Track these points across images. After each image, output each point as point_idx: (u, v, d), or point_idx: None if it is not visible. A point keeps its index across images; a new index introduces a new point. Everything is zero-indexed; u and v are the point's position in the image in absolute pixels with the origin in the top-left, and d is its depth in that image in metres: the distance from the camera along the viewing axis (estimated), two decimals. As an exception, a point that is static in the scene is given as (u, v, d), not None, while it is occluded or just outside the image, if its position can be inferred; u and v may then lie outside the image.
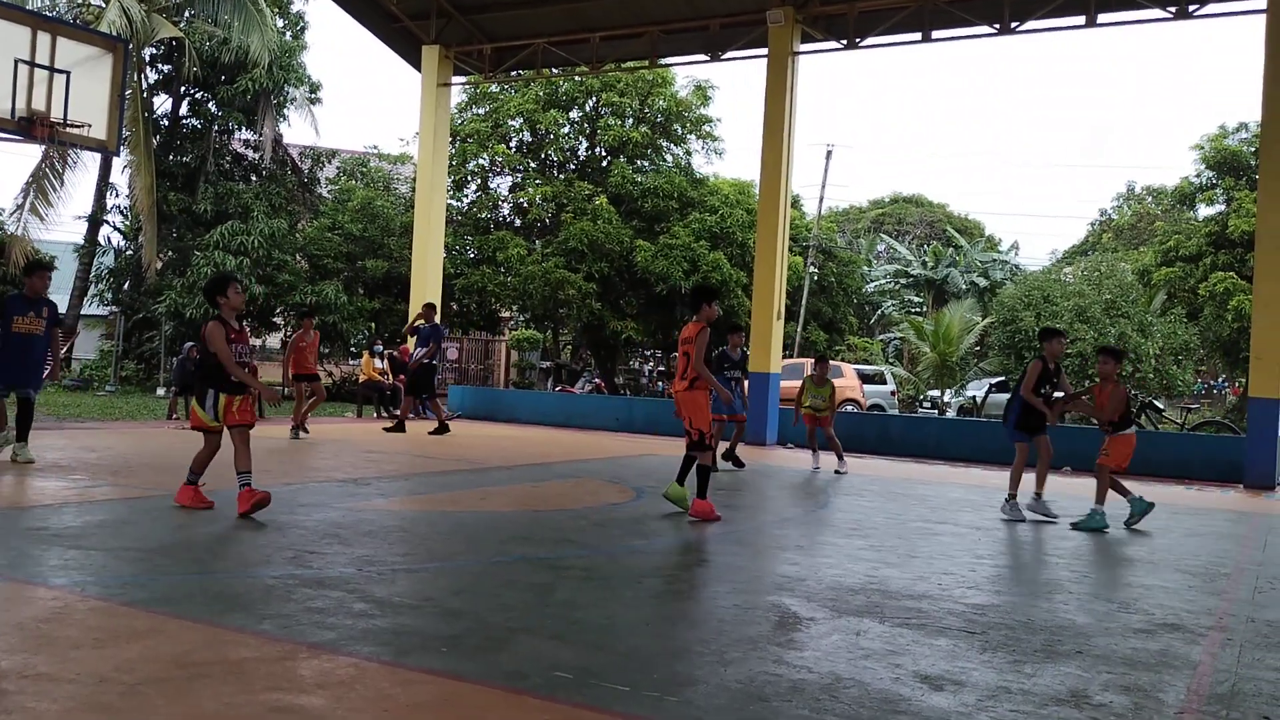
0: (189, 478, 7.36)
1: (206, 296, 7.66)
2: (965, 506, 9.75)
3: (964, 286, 40.45)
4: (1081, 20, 15.80)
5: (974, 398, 27.63)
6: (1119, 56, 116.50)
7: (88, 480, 8.54)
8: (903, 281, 43.51)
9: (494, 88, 27.97)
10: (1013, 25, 16.16)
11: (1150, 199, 48.44)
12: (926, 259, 43.64)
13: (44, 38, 14.16)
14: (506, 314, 32.29)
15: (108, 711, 3.14)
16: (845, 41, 17.44)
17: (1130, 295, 25.79)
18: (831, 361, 15.79)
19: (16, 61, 13.66)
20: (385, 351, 20.50)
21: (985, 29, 16.42)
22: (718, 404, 10.58)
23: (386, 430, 15.31)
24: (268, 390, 8.07)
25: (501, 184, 29.69)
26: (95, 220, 25.93)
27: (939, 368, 27.80)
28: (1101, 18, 15.72)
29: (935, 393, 29.54)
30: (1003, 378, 26.48)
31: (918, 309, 42.35)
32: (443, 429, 15.05)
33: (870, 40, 17.40)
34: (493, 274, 27.04)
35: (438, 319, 15.72)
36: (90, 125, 14.56)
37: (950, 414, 28.02)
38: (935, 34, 16.88)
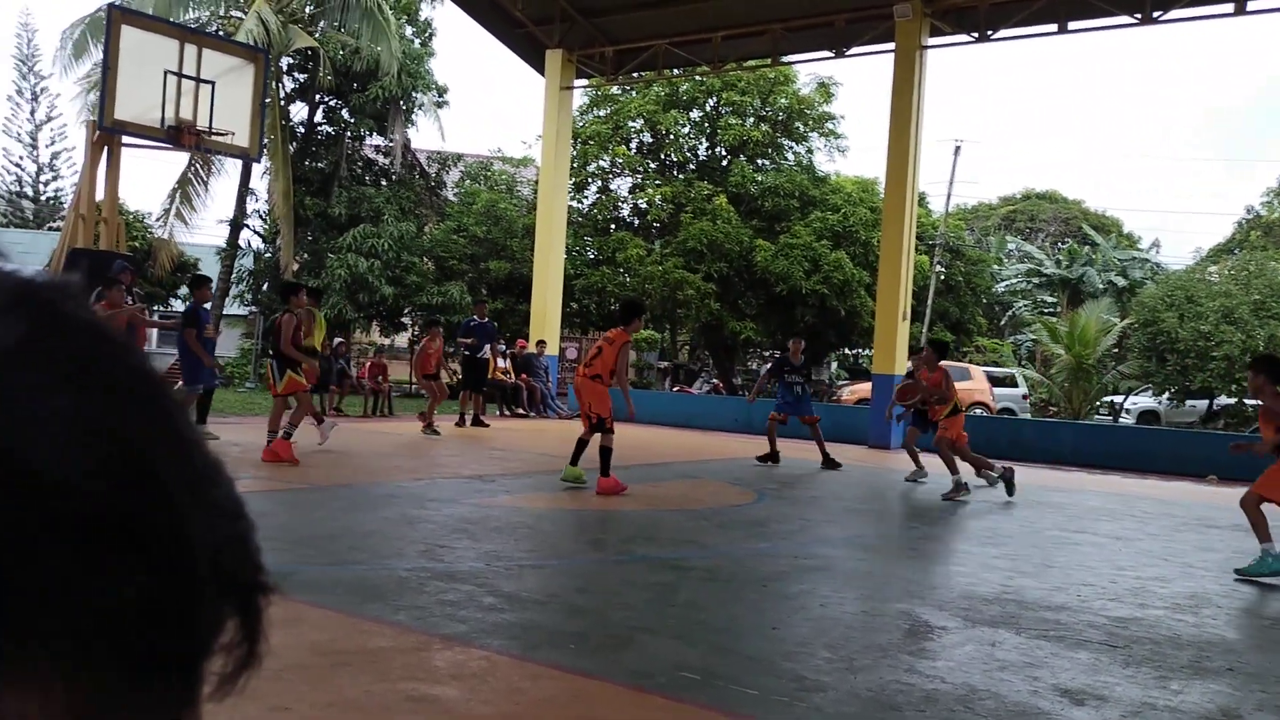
0: (287, 431, 9.80)
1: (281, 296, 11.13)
2: (1103, 515, 9.38)
3: (1101, 286, 38.89)
4: (1230, 8, 15.03)
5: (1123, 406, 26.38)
6: (1273, 43, 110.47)
7: (230, 474, 8.89)
8: (1035, 281, 42.07)
9: (615, 90, 28.19)
10: (1155, 15, 15.46)
11: (1303, 193, 45.76)
12: (1060, 257, 42.12)
13: (190, 50, 14.91)
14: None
15: (255, 695, 3.26)
16: (976, 35, 16.96)
17: (1281, 295, 24.38)
18: (956, 363, 15.47)
19: (166, 73, 14.42)
20: (507, 351, 20.88)
21: (1125, 19, 15.75)
22: (783, 405, 12.67)
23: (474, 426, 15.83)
24: (311, 368, 10.75)
25: (621, 185, 29.92)
26: (236, 224, 27.08)
27: (1074, 371, 26.78)
28: (1251, 4, 14.91)
29: (1118, 398, 28.34)
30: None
31: (1051, 309, 40.92)
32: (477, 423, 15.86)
33: (1003, 33, 16.88)
34: (612, 274, 27.25)
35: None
36: (233, 133, 15.26)
37: (1128, 420, 26.92)
38: (1071, 25, 16.27)
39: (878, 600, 5.30)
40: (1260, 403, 6.84)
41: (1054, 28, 16.38)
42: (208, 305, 12.34)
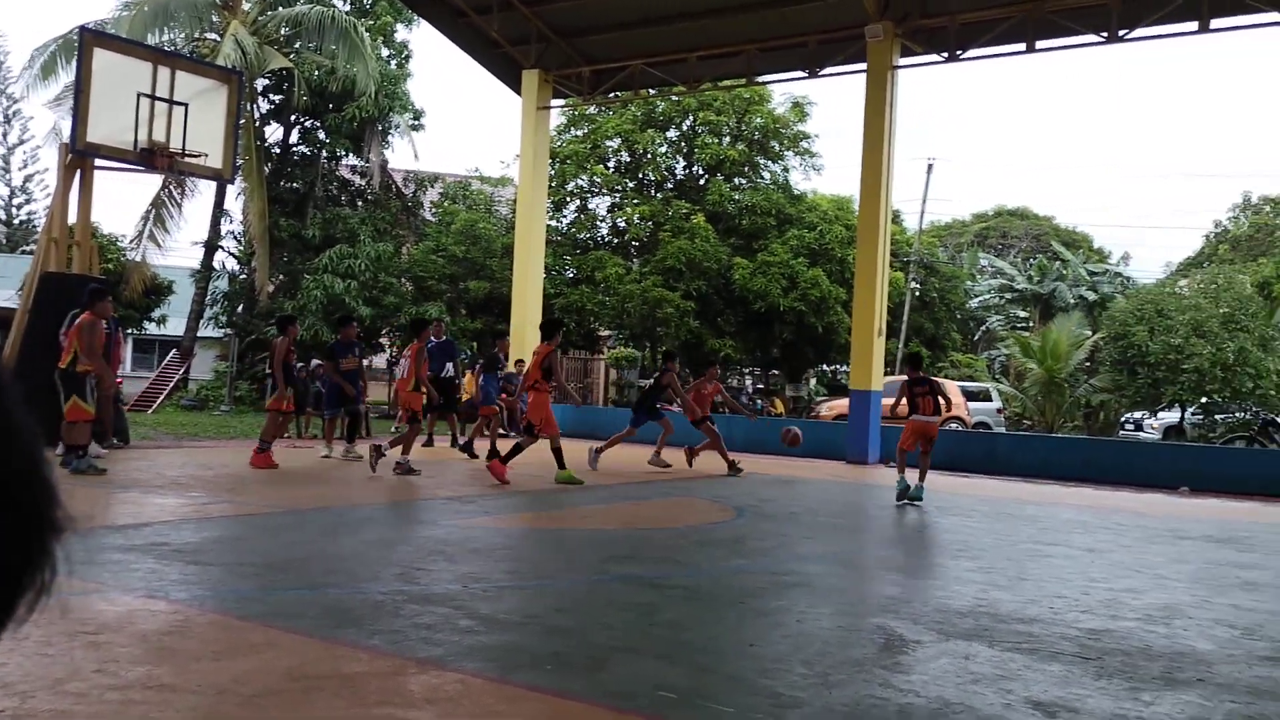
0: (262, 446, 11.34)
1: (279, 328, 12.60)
2: (1077, 528, 9.45)
3: (1072, 301, 39.26)
4: (1194, 25, 15.28)
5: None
6: (1236, 60, 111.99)
7: (206, 497, 8.86)
8: (1008, 296, 42.44)
9: (592, 109, 28.31)
10: (1121, 33, 15.70)
11: (1269, 209, 46.46)
12: (1032, 273, 42.52)
13: (164, 72, 14.85)
14: (605, 333, 32.56)
15: (228, 721, 3.26)
16: (946, 54, 17.17)
17: (1249, 308, 24.69)
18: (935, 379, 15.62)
19: (139, 95, 14.36)
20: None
21: (1092, 38, 15.99)
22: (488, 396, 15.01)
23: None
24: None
25: (600, 204, 30.02)
26: (210, 246, 26.98)
27: (1046, 384, 27.00)
28: (1214, 22, 15.18)
29: (1139, 414, 28.40)
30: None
31: (1024, 324, 41.27)
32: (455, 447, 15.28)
33: (972, 52, 17.10)
34: (591, 293, 27.30)
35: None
36: (206, 155, 15.19)
37: (1154, 436, 26.95)
38: (1040, 44, 16.50)
39: (854, 615, 5.33)
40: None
41: (1022, 47, 16.61)
42: (352, 342, 13.40)
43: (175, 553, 6.19)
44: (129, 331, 27.96)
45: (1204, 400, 24.33)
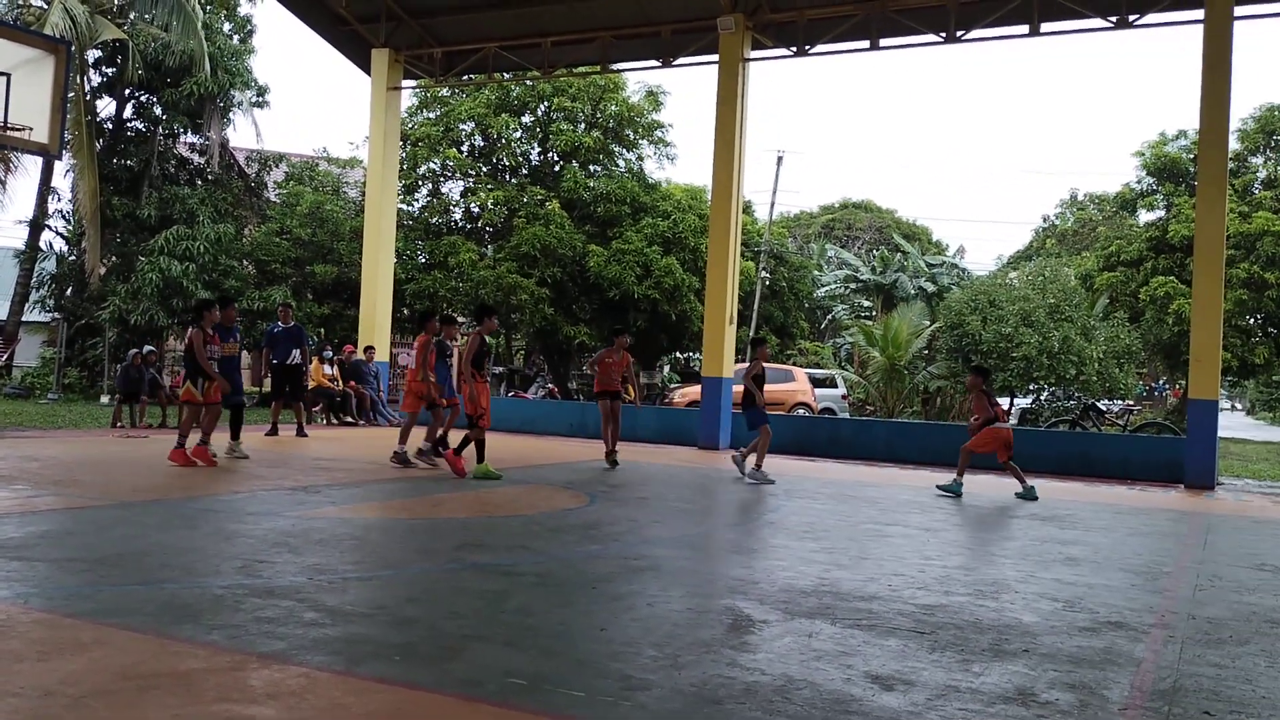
0: (198, 441, 10.77)
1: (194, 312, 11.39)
2: (914, 508, 9.88)
3: (912, 291, 40.89)
4: (1025, 29, 16.10)
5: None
6: (1066, 64, 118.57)
7: (30, 490, 8.36)
8: (853, 286, 43.89)
9: (445, 92, 27.83)
10: (958, 34, 16.41)
11: (1092, 205, 49.45)
12: (875, 264, 44.08)
13: (-18, 39, 13.84)
14: (460, 319, 32.12)
15: (53, 726, 3.09)
16: (795, 49, 17.60)
17: (1073, 299, 26.25)
18: (781, 365, 15.99)
19: (-47, 63, 13.36)
20: (334, 357, 20.33)
21: (931, 37, 16.66)
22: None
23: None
24: (223, 383, 11.14)
25: (453, 189, 29.53)
26: (37, 225, 25.40)
27: (887, 372, 28.07)
28: (1045, 26, 16.02)
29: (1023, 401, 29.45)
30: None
31: (867, 313, 42.76)
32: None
33: (820, 48, 17.58)
34: (444, 279, 26.87)
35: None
36: (31, 128, 14.27)
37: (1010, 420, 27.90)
38: (883, 42, 17.09)
39: (703, 597, 5.44)
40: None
41: (866, 44, 17.18)
42: (233, 325, 12.14)
43: (-6, 550, 5.82)
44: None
45: (1032, 386, 25.73)
